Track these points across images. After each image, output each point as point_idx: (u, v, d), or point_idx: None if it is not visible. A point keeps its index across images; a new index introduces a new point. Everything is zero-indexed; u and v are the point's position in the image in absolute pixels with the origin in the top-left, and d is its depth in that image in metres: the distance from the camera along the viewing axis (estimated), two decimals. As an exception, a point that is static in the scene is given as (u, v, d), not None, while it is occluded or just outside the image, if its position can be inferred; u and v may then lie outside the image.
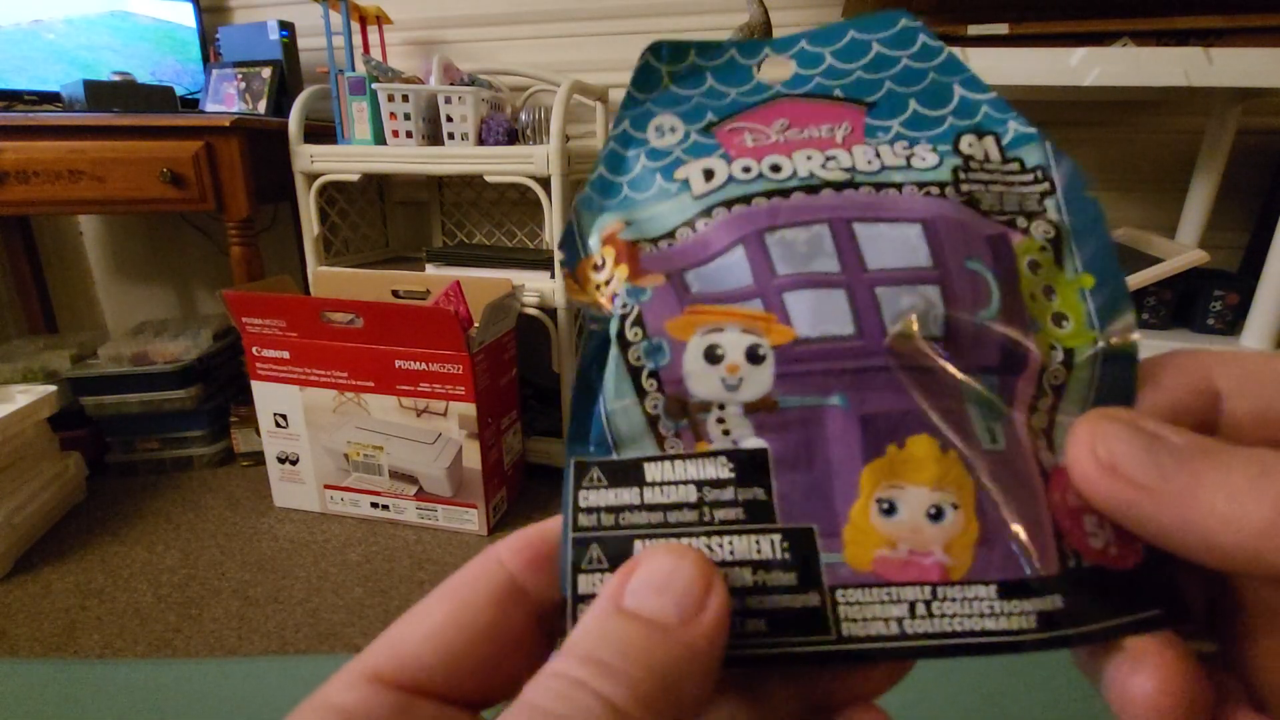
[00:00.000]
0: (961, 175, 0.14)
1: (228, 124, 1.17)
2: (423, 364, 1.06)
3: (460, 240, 1.61)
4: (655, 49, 0.16)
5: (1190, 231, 1.10)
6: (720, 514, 0.13)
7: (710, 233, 0.14)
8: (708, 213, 0.14)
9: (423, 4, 1.46)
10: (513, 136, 1.23)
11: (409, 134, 1.22)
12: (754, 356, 0.13)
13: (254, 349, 1.12)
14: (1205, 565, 0.11)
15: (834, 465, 0.13)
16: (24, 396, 1.15)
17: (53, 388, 1.18)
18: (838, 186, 0.14)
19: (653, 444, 0.13)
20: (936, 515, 0.12)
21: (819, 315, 0.13)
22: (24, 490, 1.13)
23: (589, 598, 0.12)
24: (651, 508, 0.13)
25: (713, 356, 0.13)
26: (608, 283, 0.14)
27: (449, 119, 1.20)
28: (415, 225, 1.65)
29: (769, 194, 0.14)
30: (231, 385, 1.46)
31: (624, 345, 0.14)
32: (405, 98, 1.20)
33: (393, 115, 1.21)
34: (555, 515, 0.14)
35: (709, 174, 0.15)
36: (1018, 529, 0.12)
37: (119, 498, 1.28)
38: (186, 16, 1.46)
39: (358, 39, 1.34)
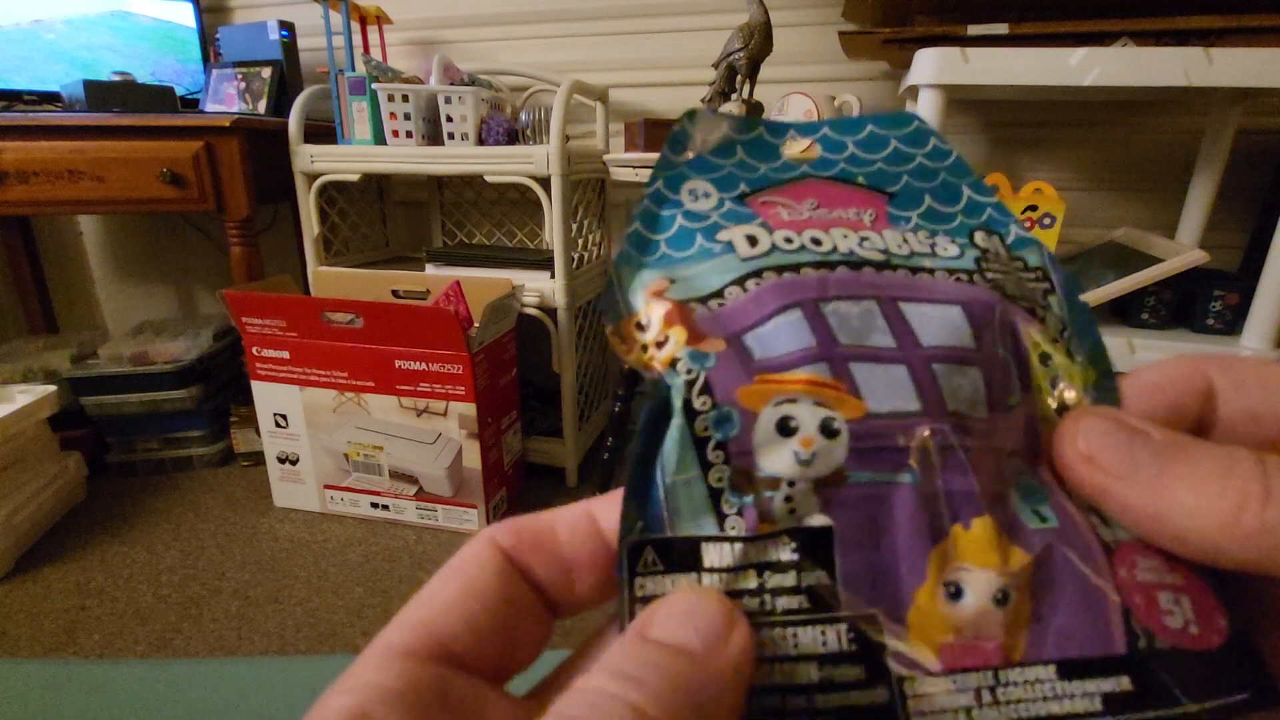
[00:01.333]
0: (984, 264, 0.15)
1: (228, 124, 1.17)
2: (423, 364, 1.06)
3: (460, 240, 1.61)
4: (691, 115, 0.17)
5: (1190, 231, 1.10)
6: (782, 602, 0.12)
7: (764, 293, 0.14)
8: (758, 274, 0.14)
9: (423, 4, 1.46)
10: (513, 136, 1.23)
11: (409, 134, 1.22)
12: (829, 430, 0.12)
13: (254, 349, 1.12)
14: (1179, 555, 0.11)
15: (900, 546, 0.12)
16: (24, 396, 1.15)
17: (53, 388, 1.18)
18: (877, 266, 0.14)
19: (713, 522, 0.12)
20: (1003, 599, 0.12)
21: (888, 389, 0.13)
22: (24, 490, 1.13)
23: None
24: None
25: (786, 429, 0.12)
26: (659, 345, 0.14)
27: (449, 119, 1.20)
28: (415, 225, 1.65)
29: (816, 265, 0.14)
30: (231, 385, 1.47)
31: (690, 414, 0.13)
32: (405, 98, 1.20)
33: (393, 115, 1.21)
34: (544, 510, 0.14)
35: (752, 240, 0.15)
36: (1074, 606, 0.12)
37: (119, 498, 1.28)
38: (186, 16, 1.46)
39: (358, 39, 1.34)
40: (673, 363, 0.13)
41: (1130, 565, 0.12)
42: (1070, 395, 0.14)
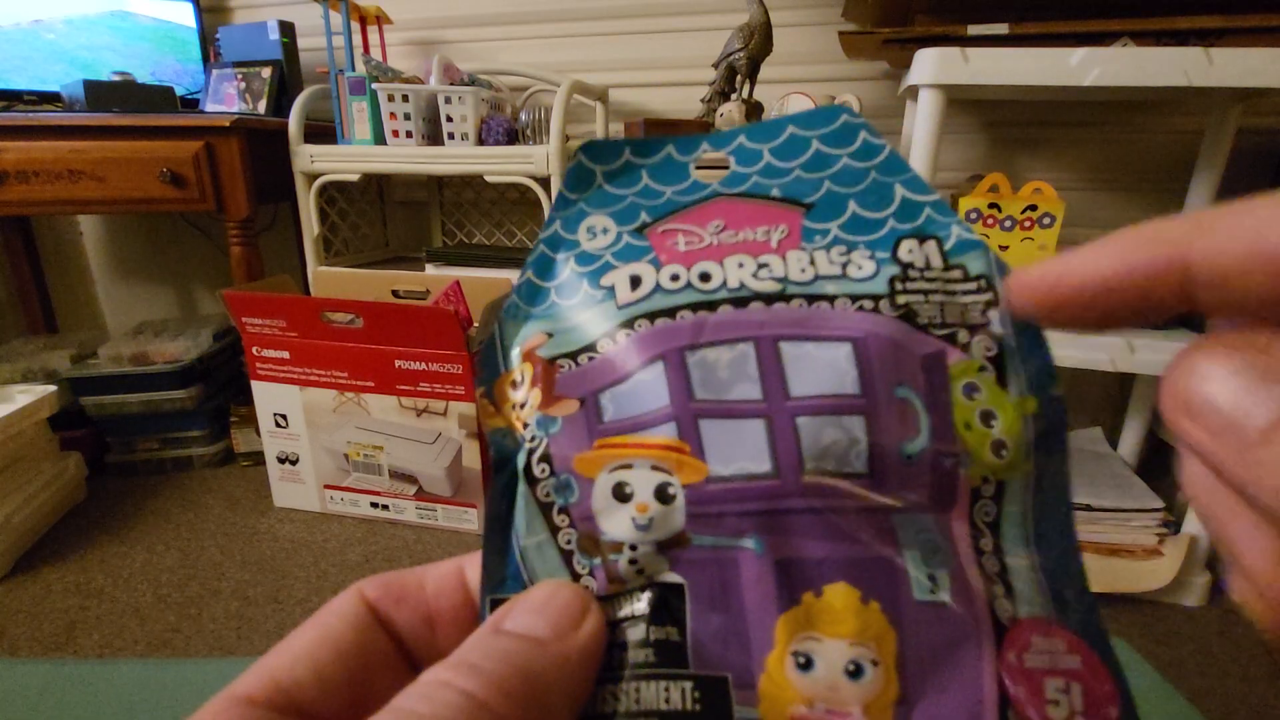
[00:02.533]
0: (899, 285, 0.14)
1: (228, 124, 1.17)
2: (423, 364, 1.06)
3: (460, 240, 1.61)
4: (588, 148, 0.16)
5: (1190, 231, 1.10)
6: (632, 655, 0.12)
7: (630, 346, 0.13)
8: (630, 324, 0.14)
9: (423, 4, 1.46)
10: (513, 136, 1.23)
11: (409, 134, 1.22)
12: (664, 496, 0.12)
13: (254, 349, 1.12)
14: None
15: (749, 611, 0.12)
16: (24, 396, 1.15)
17: (53, 388, 1.18)
18: (768, 299, 0.14)
19: (568, 579, 0.13)
20: (855, 672, 0.11)
21: (735, 449, 0.12)
22: (24, 490, 1.13)
23: None
24: None
25: (621, 495, 0.12)
26: (523, 405, 0.14)
27: (449, 119, 1.20)
28: (415, 225, 1.65)
29: (695, 306, 0.14)
30: (231, 385, 1.46)
31: (531, 481, 0.13)
32: (405, 98, 1.20)
33: (393, 115, 1.21)
34: (415, 566, 0.14)
35: (635, 281, 0.14)
36: (946, 691, 0.11)
37: (119, 498, 1.28)
38: (186, 16, 1.46)
39: (358, 39, 1.34)
40: (525, 427, 0.13)
41: (1021, 648, 0.11)
42: (998, 430, 0.12)
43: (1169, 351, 0.90)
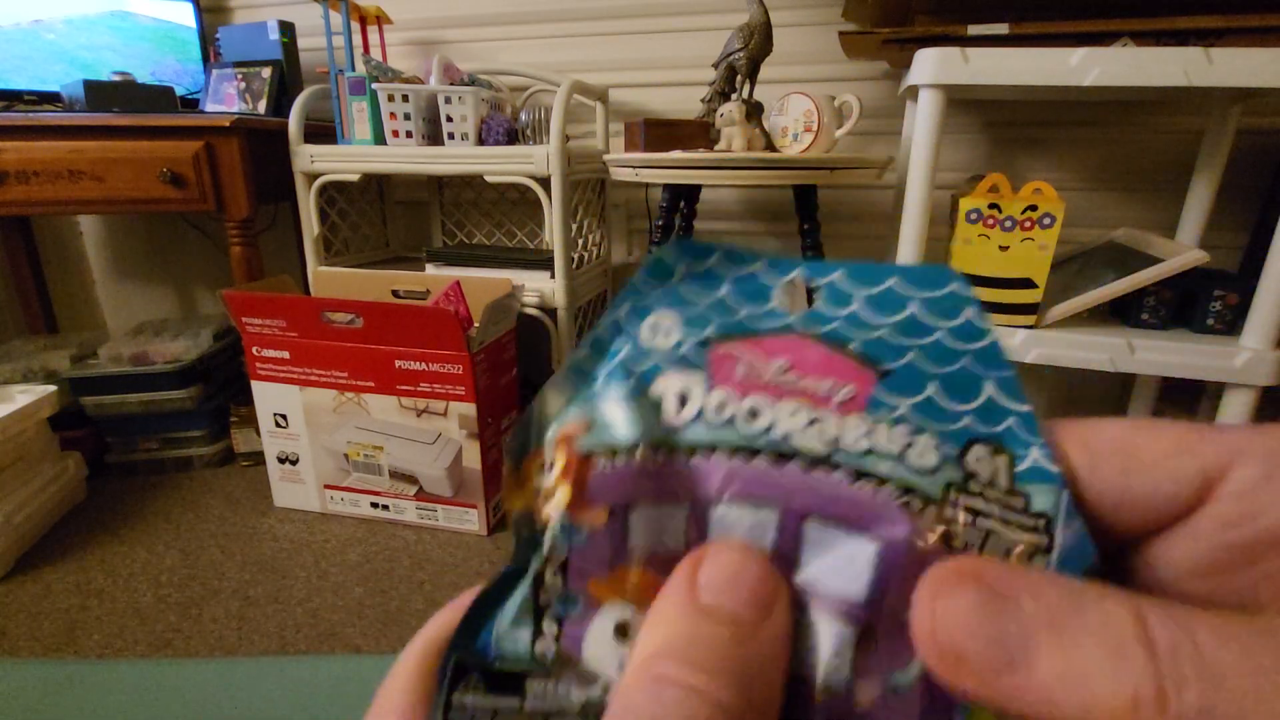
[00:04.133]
0: (953, 494, 0.12)
1: (228, 124, 1.17)
2: (423, 364, 1.06)
3: (460, 240, 1.61)
4: (679, 245, 0.15)
5: (1190, 231, 1.10)
6: None
7: (663, 472, 0.13)
8: (670, 449, 0.13)
9: (423, 4, 1.46)
10: (513, 136, 1.23)
11: (409, 134, 1.22)
12: None
13: (254, 349, 1.12)
14: None
15: None
16: (24, 396, 1.15)
17: (53, 388, 1.18)
18: (809, 462, 0.12)
19: (537, 670, 0.12)
20: None
21: None
22: (24, 490, 1.13)
23: None
24: (531, 714, 0.12)
25: (621, 632, 0.12)
26: (550, 498, 0.13)
27: (449, 119, 1.20)
28: (415, 225, 1.65)
29: (733, 450, 0.13)
30: (231, 385, 1.46)
31: (538, 584, 0.13)
32: (405, 98, 1.20)
33: (393, 115, 1.21)
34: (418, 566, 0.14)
35: (682, 400, 0.13)
36: None
37: (119, 498, 1.28)
38: (186, 16, 1.46)
39: (358, 39, 1.34)
40: (545, 526, 0.13)
41: None
42: None
43: (1171, 351, 0.90)
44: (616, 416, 0.13)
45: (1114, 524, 0.11)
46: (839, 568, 0.12)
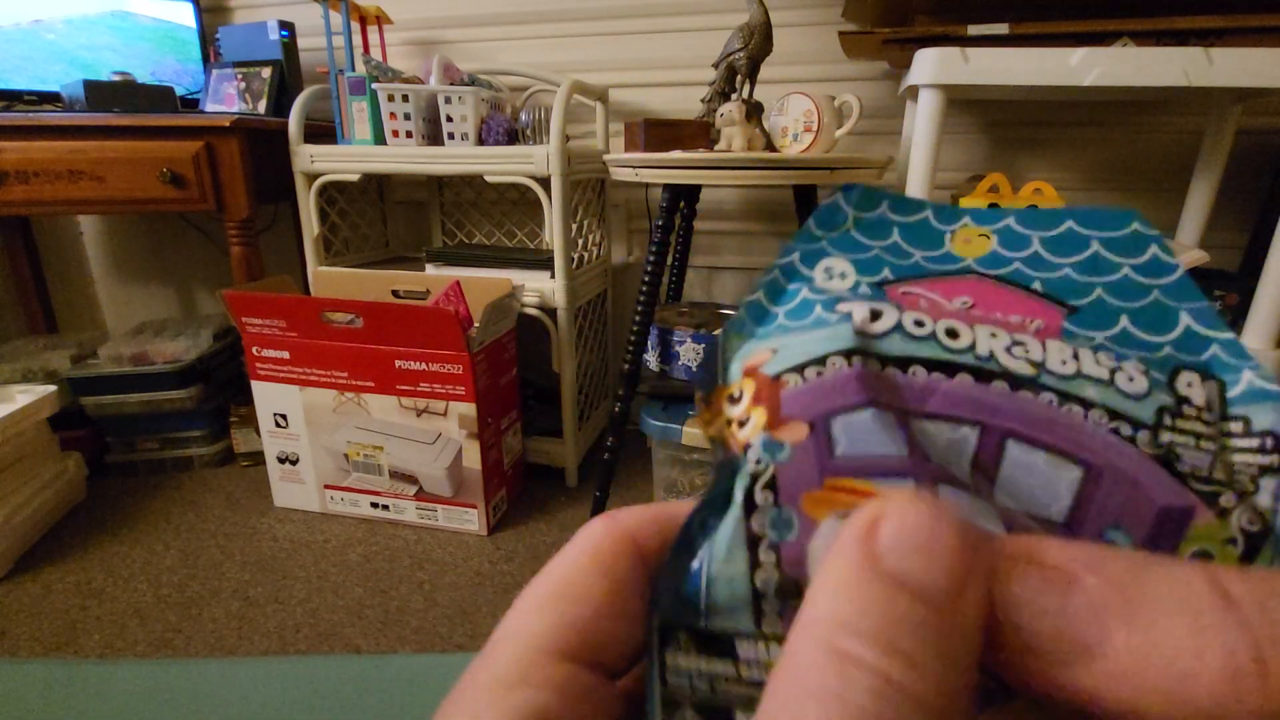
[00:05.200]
0: (1168, 419, 0.11)
1: (228, 124, 1.17)
2: (423, 364, 1.06)
3: (460, 240, 1.61)
4: (847, 190, 0.15)
5: (1190, 231, 1.10)
6: None
7: (862, 378, 0.12)
8: (865, 353, 0.12)
9: (423, 4, 1.46)
10: (513, 136, 1.23)
11: (409, 134, 1.22)
12: None
13: (254, 349, 1.12)
14: None
15: None
16: (24, 396, 1.15)
17: (53, 388, 1.18)
18: (1016, 382, 0.12)
19: (749, 619, 0.11)
20: None
21: (974, 520, 0.11)
22: (24, 490, 1.13)
23: None
24: (749, 684, 0.11)
25: None
26: (742, 423, 0.12)
27: (449, 119, 1.20)
28: (415, 225, 1.65)
29: (932, 365, 0.12)
30: (231, 385, 1.47)
31: (750, 508, 0.12)
32: (405, 98, 1.20)
33: (393, 115, 1.21)
34: (676, 500, 0.14)
35: (875, 314, 0.13)
36: None
37: (119, 498, 1.28)
38: (186, 16, 1.46)
39: (358, 39, 1.34)
40: (746, 448, 0.12)
41: None
42: None
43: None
44: (801, 339, 0.13)
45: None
46: (1037, 492, 0.11)
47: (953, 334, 0.12)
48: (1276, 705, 0.08)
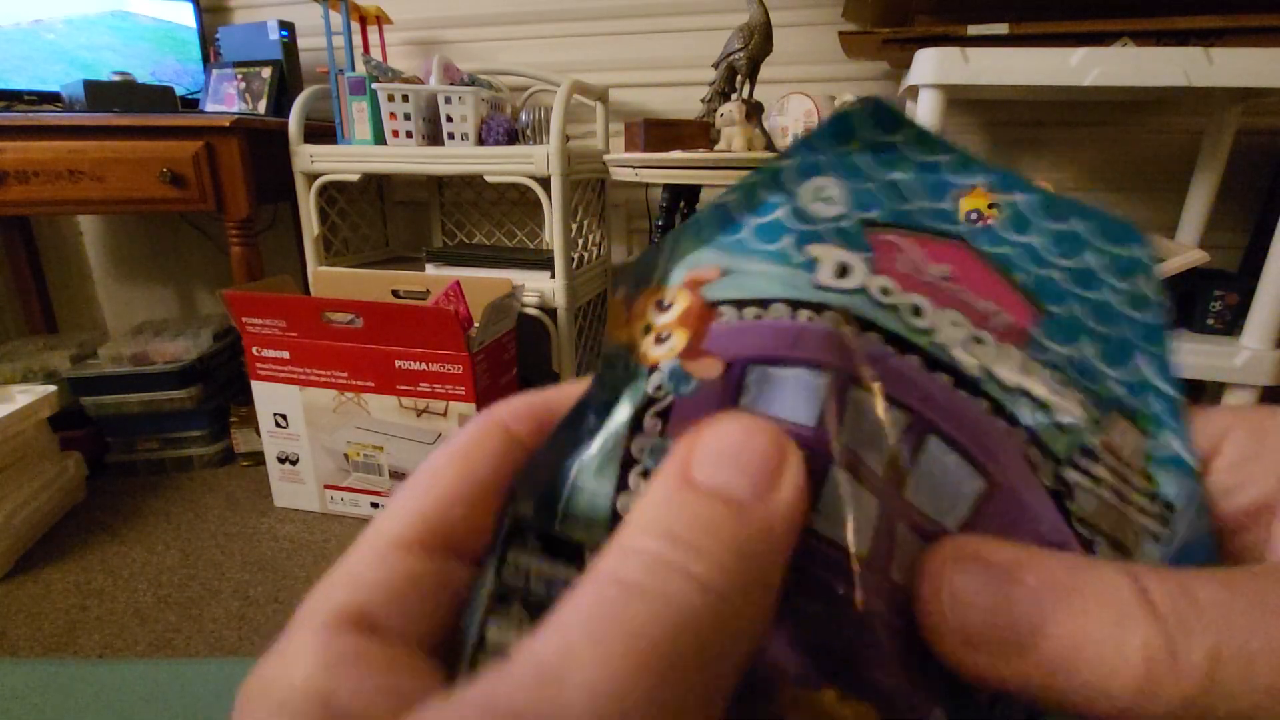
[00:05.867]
0: (1080, 460, 0.11)
1: (228, 124, 1.17)
2: (423, 364, 1.06)
3: (460, 240, 1.61)
4: (869, 104, 0.13)
5: (1190, 231, 1.10)
6: None
7: (804, 333, 0.12)
8: (818, 310, 0.12)
9: (423, 4, 1.46)
10: (513, 136, 1.23)
11: (409, 134, 1.22)
12: None
13: (254, 349, 1.12)
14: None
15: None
16: (24, 396, 1.14)
17: (53, 388, 1.18)
18: (960, 379, 0.12)
19: (603, 537, 0.11)
20: None
21: (855, 515, 0.10)
22: (24, 490, 1.13)
23: (496, 648, 0.10)
24: None
25: None
26: (660, 339, 0.12)
27: (449, 119, 1.20)
28: (415, 225, 1.65)
29: (890, 338, 0.12)
30: (231, 385, 1.46)
31: (635, 429, 0.11)
32: (405, 98, 1.20)
33: (393, 115, 1.21)
34: (558, 385, 0.13)
35: (842, 269, 0.12)
36: None
37: (119, 498, 1.28)
38: (186, 16, 1.46)
39: (358, 39, 1.34)
40: (653, 369, 0.12)
41: None
42: None
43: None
44: (756, 268, 0.12)
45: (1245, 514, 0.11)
46: (938, 494, 0.11)
47: (916, 311, 0.12)
48: (1188, 692, 0.09)
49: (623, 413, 0.12)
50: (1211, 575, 0.09)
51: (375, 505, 1.19)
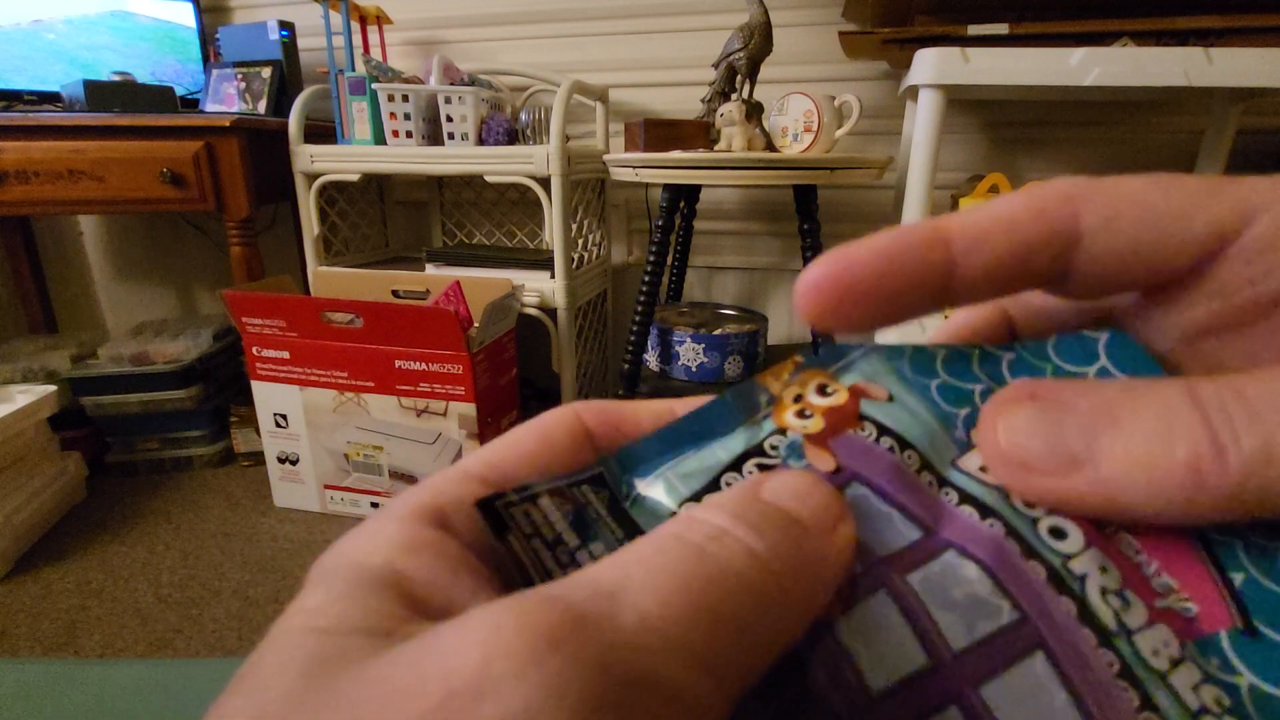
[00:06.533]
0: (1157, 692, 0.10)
1: (228, 124, 1.17)
2: (423, 364, 1.06)
3: (460, 240, 1.61)
4: (1120, 339, 0.12)
5: (1190, 231, 1.10)
6: None
7: (922, 497, 0.11)
8: (946, 485, 0.11)
9: (423, 4, 1.46)
10: (513, 136, 1.23)
11: (409, 134, 1.22)
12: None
13: (254, 349, 1.12)
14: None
15: None
16: (24, 396, 1.14)
17: (53, 388, 1.18)
18: (1084, 615, 0.10)
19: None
20: None
21: (885, 646, 0.10)
22: (24, 490, 1.13)
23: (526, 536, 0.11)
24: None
25: None
26: (803, 414, 0.12)
27: (449, 119, 1.20)
28: (415, 225, 1.65)
29: (1012, 535, 0.11)
30: (231, 385, 1.46)
31: (733, 466, 0.12)
32: (405, 98, 1.20)
33: (393, 115, 1.21)
34: (635, 400, 0.14)
35: (985, 468, 0.11)
36: None
37: (119, 498, 1.28)
38: (186, 16, 1.46)
39: (358, 39, 1.34)
40: (780, 431, 0.12)
41: None
42: None
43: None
44: (916, 408, 0.12)
45: (1123, 279, 0.11)
46: (1027, 697, 0.10)
47: (1057, 534, 0.10)
48: (1235, 486, 0.09)
49: (733, 446, 0.12)
50: (1263, 374, 0.09)
51: (375, 505, 1.19)
